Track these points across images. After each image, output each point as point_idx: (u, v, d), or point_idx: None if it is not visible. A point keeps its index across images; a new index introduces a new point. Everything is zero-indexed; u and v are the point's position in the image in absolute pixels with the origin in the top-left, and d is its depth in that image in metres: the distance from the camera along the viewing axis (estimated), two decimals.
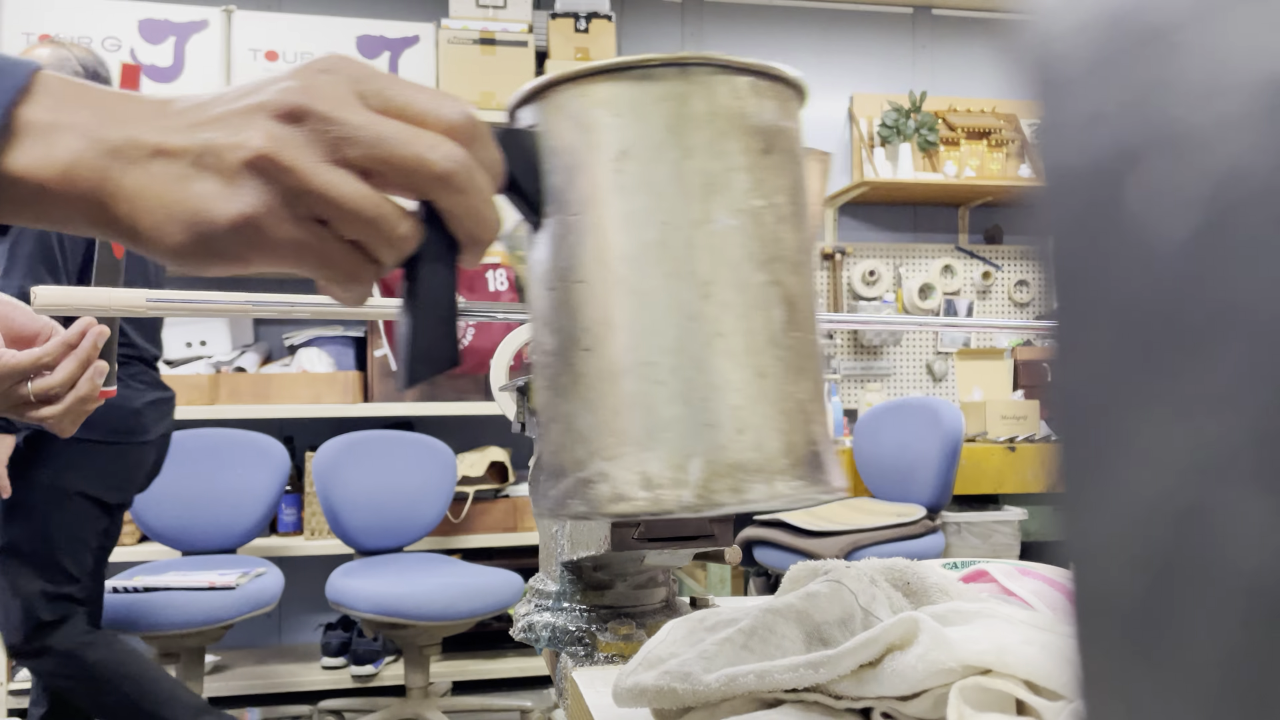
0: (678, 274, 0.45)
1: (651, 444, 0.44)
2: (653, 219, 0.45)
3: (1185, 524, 0.17)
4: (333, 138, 0.41)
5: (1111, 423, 0.18)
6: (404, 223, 0.43)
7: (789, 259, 0.47)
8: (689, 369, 0.44)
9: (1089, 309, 0.18)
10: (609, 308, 0.45)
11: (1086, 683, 0.19)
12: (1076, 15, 0.19)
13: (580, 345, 0.45)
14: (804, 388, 0.47)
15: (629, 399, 0.44)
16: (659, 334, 0.44)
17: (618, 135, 0.45)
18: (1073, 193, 0.19)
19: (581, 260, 0.45)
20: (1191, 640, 0.16)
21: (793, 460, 0.45)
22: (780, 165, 0.47)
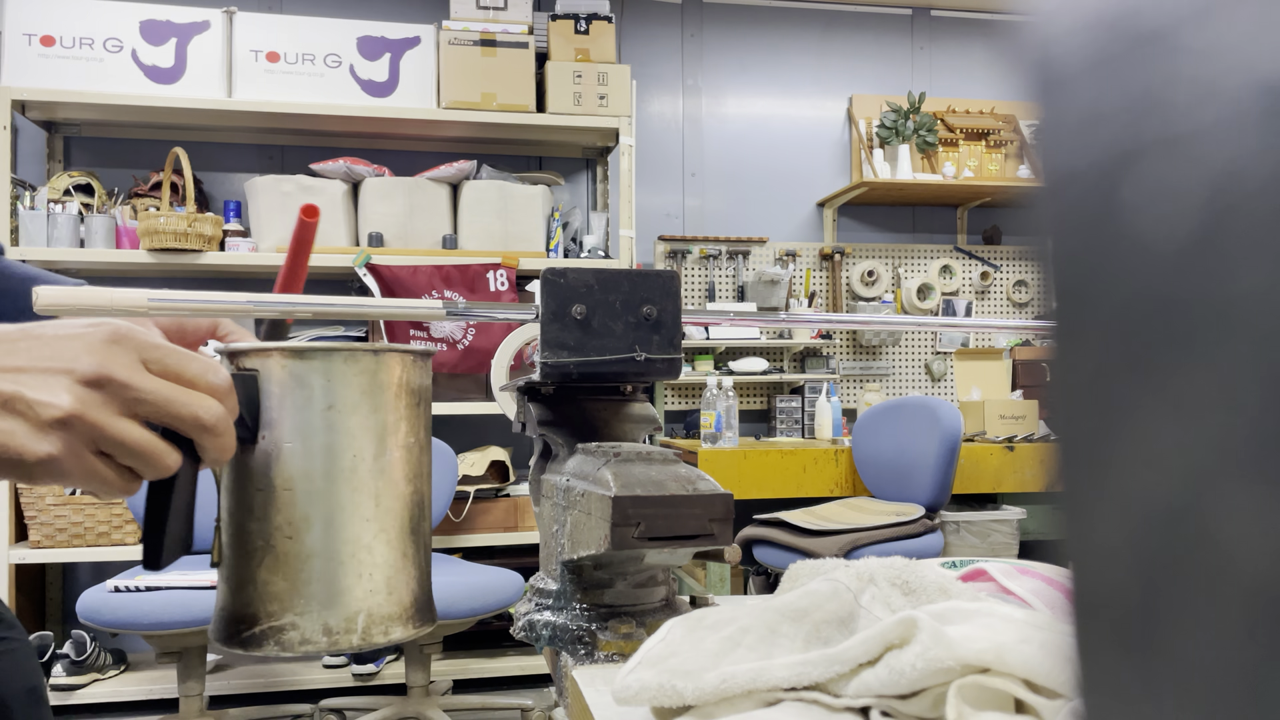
0: (361, 489, 0.64)
1: (332, 605, 0.63)
2: (347, 451, 0.64)
3: (1184, 523, 0.17)
4: (128, 398, 0.54)
5: (1110, 423, 0.18)
6: (171, 457, 0.57)
7: (423, 473, 0.69)
8: (362, 554, 0.64)
9: (1087, 309, 0.19)
10: (309, 510, 0.63)
11: (1085, 681, 0.19)
12: (1075, 16, 0.19)
13: (283, 534, 0.63)
14: (425, 557, 0.70)
15: (318, 573, 0.63)
16: (344, 530, 0.64)
17: (327, 393, 0.64)
18: (1071, 193, 0.19)
19: (290, 474, 0.63)
20: (1190, 639, 0.17)
21: (418, 608, 0.68)
22: (424, 411, 0.69)
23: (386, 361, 0.66)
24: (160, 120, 3.56)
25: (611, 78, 3.65)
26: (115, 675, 3.34)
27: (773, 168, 4.32)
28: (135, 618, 2.54)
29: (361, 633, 0.63)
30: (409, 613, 0.66)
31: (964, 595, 0.68)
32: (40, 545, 3.19)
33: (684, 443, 3.83)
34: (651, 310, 0.97)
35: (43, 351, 0.53)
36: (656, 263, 4.19)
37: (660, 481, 0.83)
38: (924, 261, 4.39)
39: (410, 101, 3.54)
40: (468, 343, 3.48)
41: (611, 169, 4.07)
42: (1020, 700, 0.54)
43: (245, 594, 0.63)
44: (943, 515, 3.32)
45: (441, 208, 3.57)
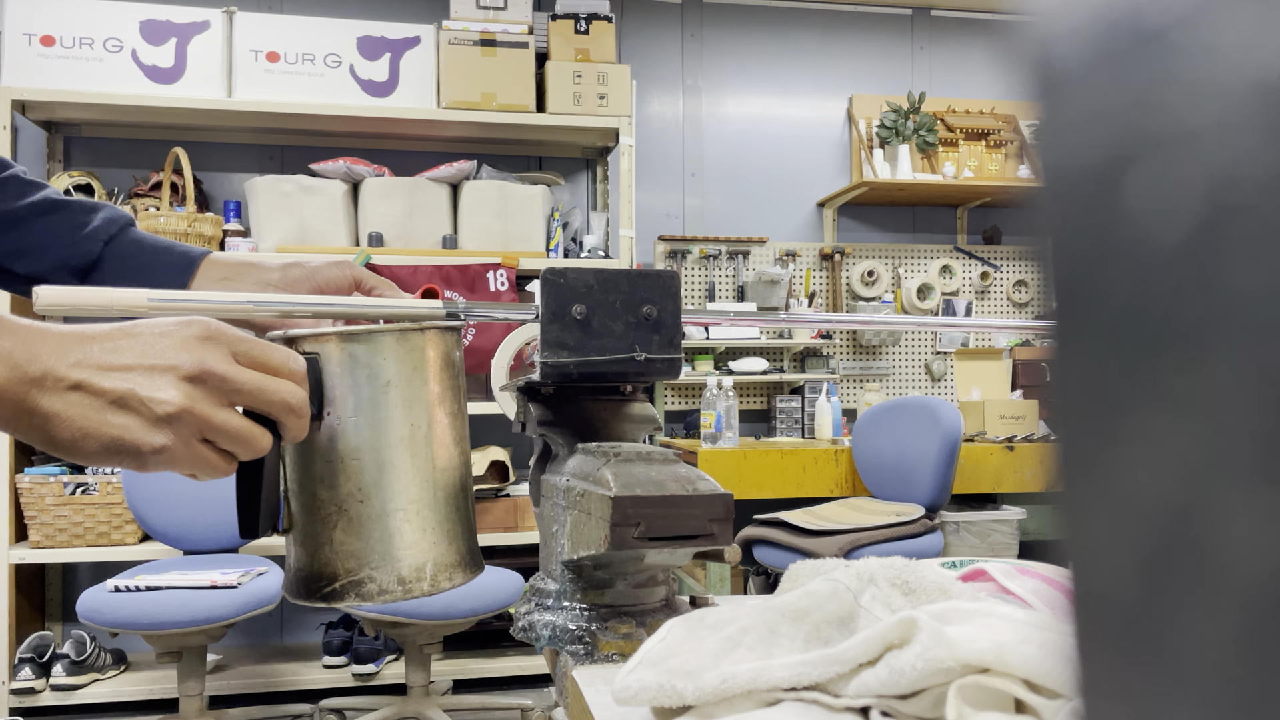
0: (421, 454, 0.72)
1: (403, 558, 0.70)
2: (405, 421, 0.71)
3: (1184, 523, 0.17)
4: (227, 390, 0.60)
5: (1110, 422, 0.18)
6: (266, 438, 0.63)
7: (466, 435, 0.77)
8: (425, 511, 0.71)
9: (1087, 309, 0.19)
10: (376, 476, 0.70)
11: (1085, 682, 0.19)
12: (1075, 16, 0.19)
13: (355, 499, 0.70)
14: (472, 511, 0.77)
15: (388, 531, 0.70)
16: (409, 491, 0.71)
17: (383, 370, 0.70)
18: (1071, 193, 0.19)
19: (357, 445, 0.70)
20: (1190, 639, 0.17)
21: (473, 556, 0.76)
22: (462, 380, 0.77)
23: (431, 338, 0.73)
24: (160, 120, 3.56)
25: (611, 78, 3.65)
26: (115, 675, 3.34)
27: (773, 168, 4.32)
28: (135, 618, 2.54)
29: (430, 580, 0.71)
30: (466, 560, 0.74)
31: (964, 595, 0.68)
32: (40, 545, 3.19)
33: (684, 443, 3.83)
34: (651, 310, 0.97)
35: (145, 350, 0.58)
36: (656, 263, 4.19)
37: (660, 481, 0.83)
38: (924, 261, 4.39)
39: (410, 101, 3.54)
40: (468, 343, 3.48)
41: (611, 169, 4.07)
42: (1020, 700, 0.54)
43: (322, 555, 0.70)
44: (943, 515, 3.32)
45: (441, 208, 3.57)
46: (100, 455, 0.58)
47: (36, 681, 3.16)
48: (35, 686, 3.15)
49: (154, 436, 0.58)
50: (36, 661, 3.17)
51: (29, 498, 3.19)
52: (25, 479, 3.18)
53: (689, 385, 4.12)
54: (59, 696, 3.17)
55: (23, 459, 3.31)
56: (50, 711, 3.21)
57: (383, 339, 0.70)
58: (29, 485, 3.18)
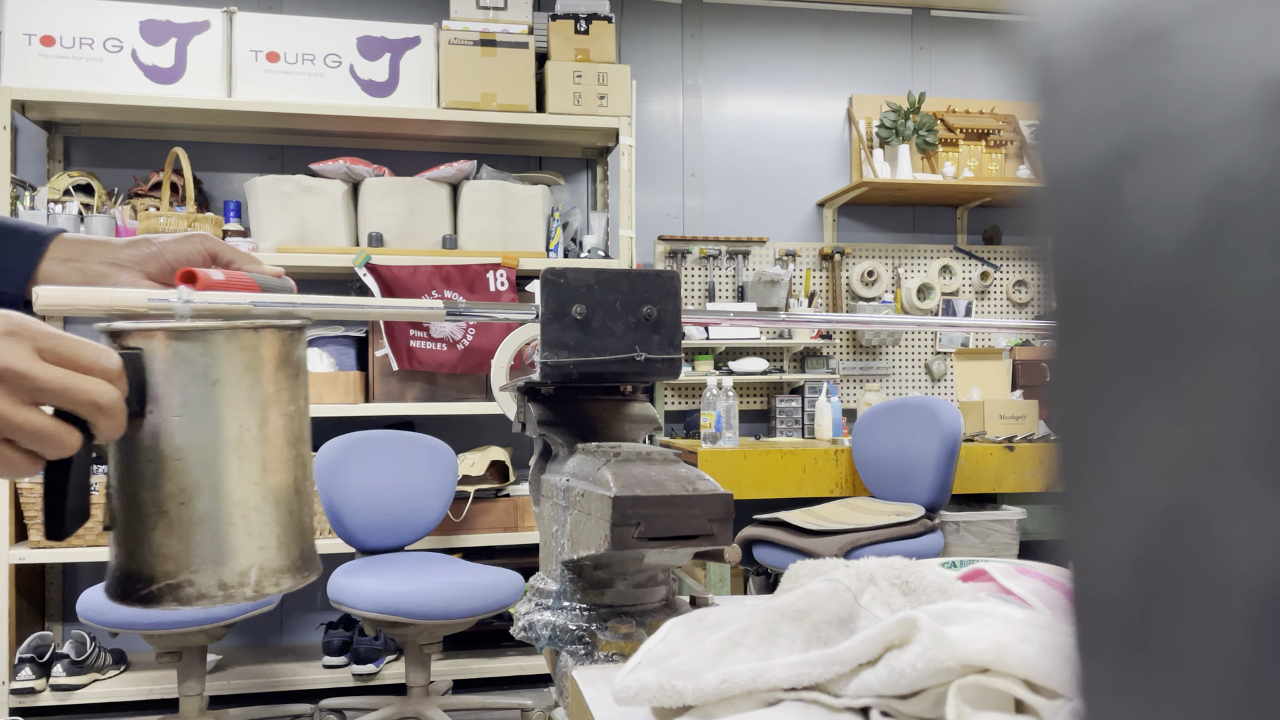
0: (248, 457, 0.69)
1: (225, 562, 0.69)
2: (233, 423, 0.69)
3: (1183, 523, 0.17)
4: (28, 388, 0.58)
5: (1110, 423, 0.18)
6: (72, 436, 0.61)
7: (304, 437, 0.74)
8: (251, 515, 0.70)
9: (1087, 309, 0.19)
10: (199, 478, 0.68)
11: (1085, 681, 0.19)
12: (1075, 16, 0.19)
13: (176, 500, 0.68)
14: (309, 513, 0.75)
15: (210, 535, 0.68)
16: (233, 494, 0.69)
17: (211, 369, 0.68)
18: (1071, 193, 0.19)
19: (181, 445, 0.68)
20: (1190, 639, 0.17)
21: (305, 560, 0.74)
22: (301, 380, 0.74)
23: (267, 338, 0.71)
24: (160, 120, 3.56)
25: (611, 78, 3.65)
26: (115, 675, 3.34)
27: (773, 168, 4.32)
28: (135, 617, 2.54)
29: (255, 585, 0.69)
30: (297, 564, 0.72)
31: (964, 595, 0.68)
32: (40, 545, 3.19)
33: (684, 443, 3.83)
34: (651, 310, 0.97)
35: None
36: (656, 263, 4.19)
37: (660, 481, 0.83)
38: (924, 261, 4.39)
39: (410, 101, 3.54)
40: (468, 343, 3.48)
41: (611, 169, 4.07)
42: (1020, 700, 0.54)
43: (140, 556, 0.69)
44: (943, 515, 3.32)
45: (441, 208, 3.57)
46: None
47: (36, 681, 3.16)
48: (35, 686, 3.15)
49: None
50: (36, 661, 3.17)
51: (29, 498, 3.19)
52: (25, 479, 3.19)
53: (689, 385, 4.12)
54: (59, 696, 3.17)
55: None
56: (50, 711, 3.21)
57: (212, 336, 0.68)
58: (29, 485, 3.18)
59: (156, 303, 0.77)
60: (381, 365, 3.45)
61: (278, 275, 0.92)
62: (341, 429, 3.37)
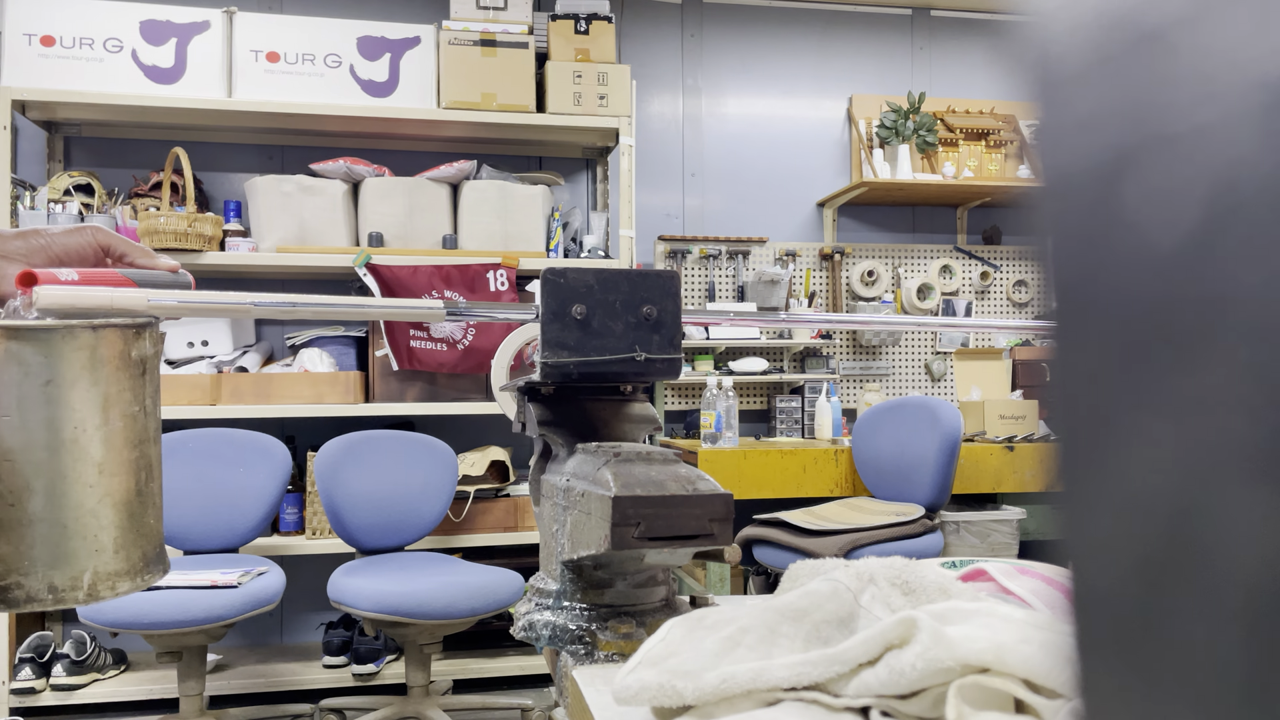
0: (83, 459, 0.67)
1: (57, 565, 0.67)
2: (68, 424, 0.66)
3: (1182, 523, 0.17)
4: None
5: (1109, 422, 0.18)
6: None
7: (149, 437, 0.72)
8: (86, 517, 0.67)
9: (1087, 309, 0.19)
10: (30, 479, 0.66)
11: (1085, 681, 0.19)
12: (1075, 17, 0.19)
13: (5, 501, 0.66)
14: (152, 514, 0.73)
15: (41, 538, 0.66)
16: (66, 496, 0.67)
17: (45, 369, 0.66)
18: (1071, 193, 0.19)
19: (10, 446, 0.65)
20: (1189, 638, 0.17)
21: (148, 563, 0.72)
22: (149, 379, 0.72)
23: (106, 337, 0.68)
24: (160, 120, 3.56)
25: (611, 78, 3.65)
26: (115, 675, 3.34)
27: (773, 168, 4.32)
28: (135, 617, 2.54)
29: (88, 589, 0.68)
30: (137, 568, 0.70)
31: (964, 595, 0.68)
32: None
33: (684, 443, 3.83)
34: (651, 310, 0.97)
35: None
36: (656, 263, 4.19)
37: (660, 481, 0.83)
38: (924, 261, 4.39)
39: (410, 101, 3.54)
40: (468, 343, 3.48)
41: (611, 169, 4.07)
42: (1020, 700, 0.54)
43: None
44: (943, 515, 3.32)
45: (441, 208, 3.57)
46: None
47: (37, 681, 3.16)
48: (35, 686, 3.15)
49: None
50: (37, 661, 3.17)
51: None
52: None
53: (689, 385, 4.12)
54: (59, 696, 3.17)
55: None
56: (50, 711, 3.21)
57: (47, 336, 0.66)
58: None
59: (156, 304, 0.77)
60: (381, 365, 3.45)
61: (172, 270, 0.90)
62: (341, 429, 3.37)
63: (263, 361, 3.57)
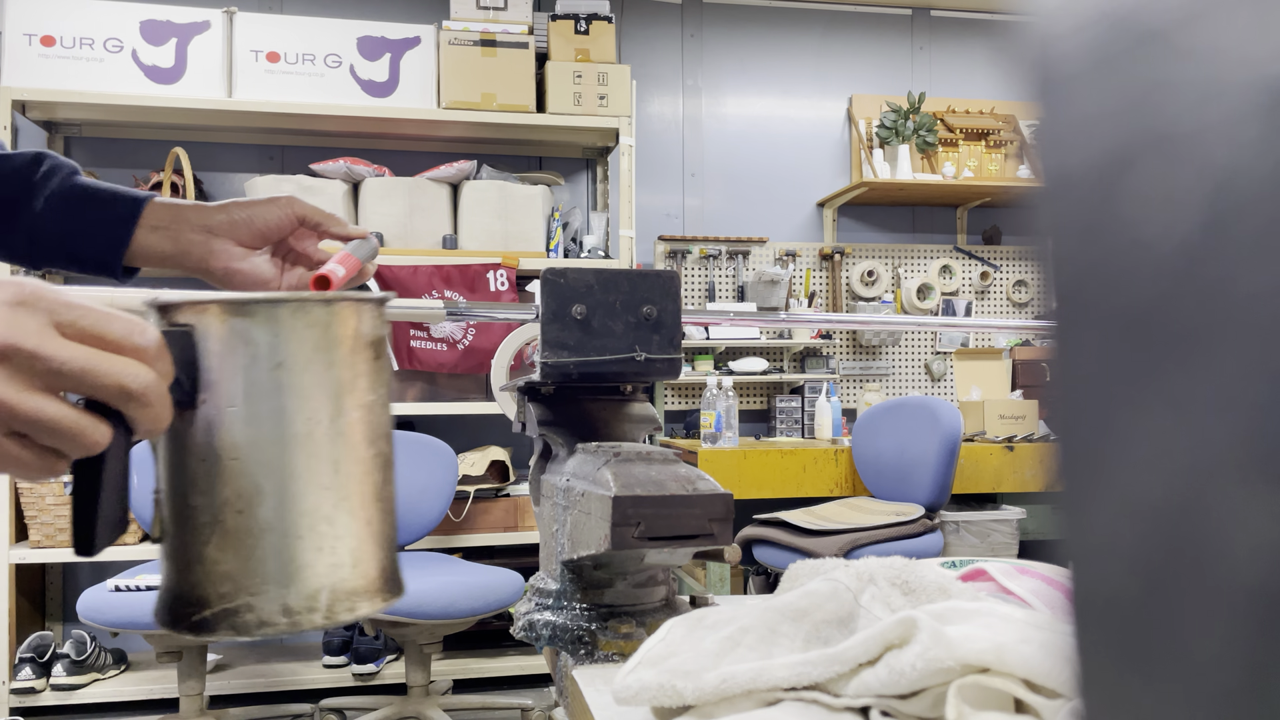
0: (317, 456, 0.58)
1: (291, 583, 0.57)
2: (299, 415, 0.57)
3: (1182, 523, 0.17)
4: (40, 371, 0.47)
5: (1110, 422, 0.18)
6: (98, 430, 0.50)
7: (386, 433, 0.64)
8: (321, 525, 0.58)
9: (1087, 309, 0.19)
10: (260, 480, 0.57)
11: (1085, 681, 0.19)
12: (1075, 17, 0.19)
13: (232, 508, 0.56)
14: (390, 524, 0.64)
15: (273, 550, 0.57)
16: (300, 501, 0.57)
17: (274, 350, 0.57)
18: (1071, 193, 0.19)
19: (236, 442, 0.56)
20: (1189, 638, 0.17)
21: (386, 580, 0.62)
22: (383, 364, 0.63)
23: (340, 312, 0.59)
24: (160, 120, 3.56)
25: (611, 78, 3.65)
26: (115, 675, 3.34)
27: (773, 168, 4.32)
28: (135, 617, 2.54)
29: (325, 611, 0.58)
30: (375, 585, 0.61)
31: (964, 595, 0.68)
32: (40, 545, 3.19)
33: (684, 443, 3.83)
34: (651, 310, 0.97)
35: None
36: (656, 263, 4.18)
37: (660, 481, 0.83)
38: (924, 261, 4.39)
39: (410, 101, 3.54)
40: (468, 343, 3.48)
41: (611, 169, 4.07)
42: (1020, 700, 0.54)
43: (193, 574, 0.57)
44: (943, 515, 3.32)
45: (441, 208, 3.57)
46: None
47: (37, 681, 3.16)
48: (35, 686, 3.15)
49: None
50: (37, 661, 3.17)
51: (29, 497, 3.19)
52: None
53: (689, 385, 4.12)
54: (59, 696, 3.17)
55: None
56: (50, 711, 3.21)
57: (276, 311, 0.57)
58: (29, 485, 3.18)
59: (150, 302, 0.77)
60: None
61: (363, 236, 0.89)
62: None
63: None
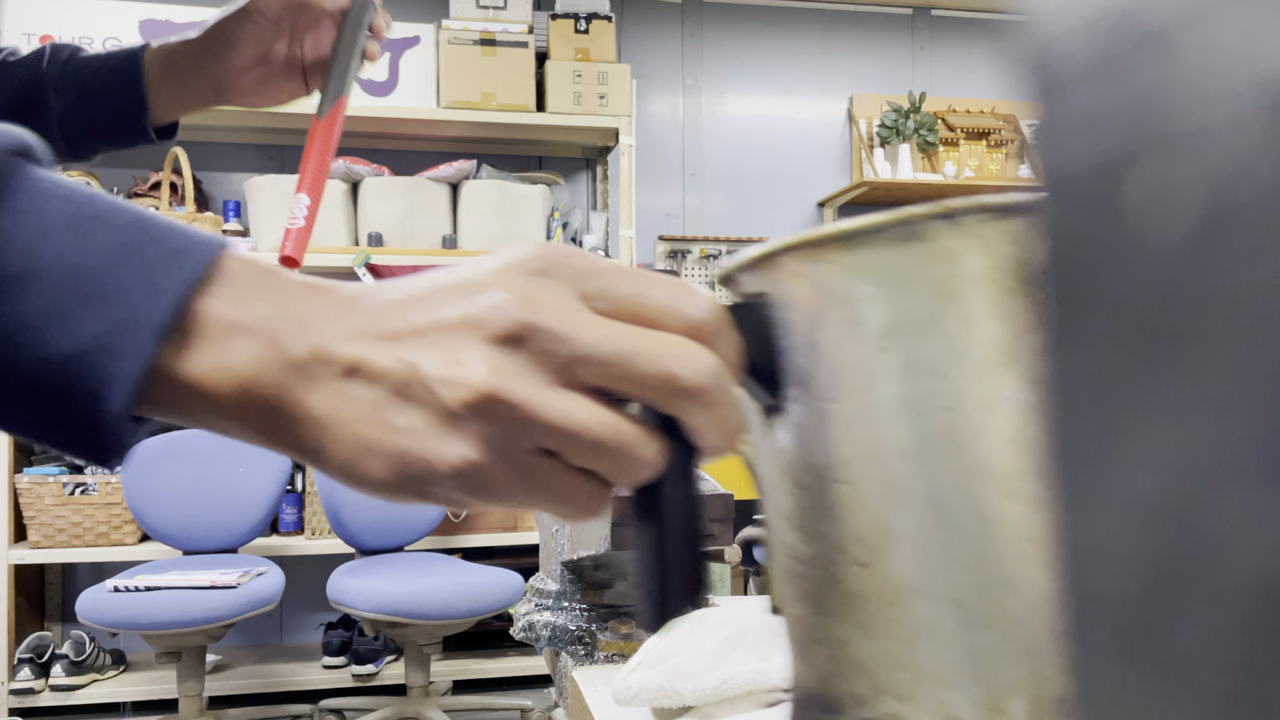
0: (970, 469, 0.35)
1: (957, 680, 0.35)
2: (933, 404, 0.36)
3: (1181, 523, 0.17)
4: (564, 359, 0.34)
5: (1108, 423, 0.18)
6: (649, 447, 0.36)
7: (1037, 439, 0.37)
8: (996, 585, 0.35)
9: (1087, 310, 0.19)
10: (887, 514, 0.36)
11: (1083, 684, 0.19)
12: (1076, 16, 0.19)
13: (852, 558, 0.37)
14: None
15: (923, 625, 0.36)
16: (955, 545, 0.35)
17: (881, 308, 0.37)
18: (1071, 194, 0.19)
19: (845, 457, 0.37)
20: (1188, 640, 0.16)
21: None
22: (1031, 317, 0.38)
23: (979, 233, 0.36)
24: None
25: (611, 77, 3.65)
26: (115, 675, 3.34)
27: (773, 168, 4.32)
28: (135, 618, 2.54)
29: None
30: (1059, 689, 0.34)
31: None
32: (39, 545, 3.19)
33: None
34: None
35: (442, 299, 0.35)
36: (656, 263, 4.19)
37: None
38: None
39: (410, 101, 3.54)
40: None
41: (611, 169, 4.07)
42: None
43: (814, 659, 0.39)
44: None
45: (441, 207, 3.58)
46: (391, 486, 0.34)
47: (36, 682, 3.16)
48: (34, 687, 3.15)
49: (447, 445, 0.34)
50: (36, 662, 3.17)
51: (28, 498, 3.18)
52: (24, 479, 3.18)
53: None
54: (58, 697, 3.17)
55: (22, 459, 3.31)
56: (50, 712, 3.21)
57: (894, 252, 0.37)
58: (28, 485, 3.18)
59: None
60: None
61: None
62: None
63: None
